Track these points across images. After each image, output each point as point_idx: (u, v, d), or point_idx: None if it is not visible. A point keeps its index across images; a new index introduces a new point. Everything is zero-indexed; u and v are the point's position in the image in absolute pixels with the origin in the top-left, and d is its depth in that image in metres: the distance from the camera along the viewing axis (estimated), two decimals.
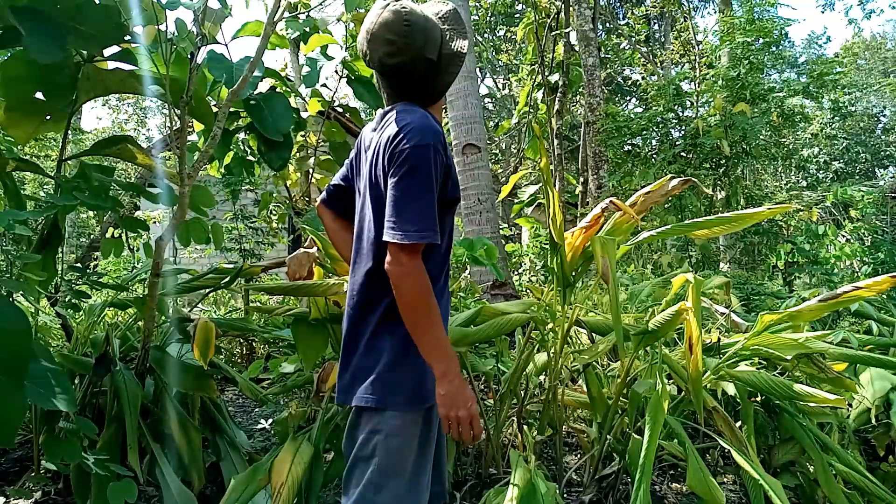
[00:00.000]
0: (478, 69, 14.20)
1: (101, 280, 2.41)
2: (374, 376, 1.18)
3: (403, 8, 1.17)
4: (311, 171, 3.82)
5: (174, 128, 2.70)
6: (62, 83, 2.00)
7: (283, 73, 4.70)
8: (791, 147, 7.69)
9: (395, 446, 1.17)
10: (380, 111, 1.29)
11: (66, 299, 2.20)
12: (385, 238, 1.11)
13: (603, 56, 9.81)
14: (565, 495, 2.10)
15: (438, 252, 1.23)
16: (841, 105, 9.20)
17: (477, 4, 12.11)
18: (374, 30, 1.18)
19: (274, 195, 4.26)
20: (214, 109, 2.25)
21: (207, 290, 2.50)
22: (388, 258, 1.12)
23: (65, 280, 2.32)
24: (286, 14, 2.96)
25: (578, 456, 2.50)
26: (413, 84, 1.23)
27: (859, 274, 4.88)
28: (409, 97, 1.24)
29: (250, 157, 3.21)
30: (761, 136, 6.03)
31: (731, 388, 1.94)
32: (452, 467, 2.11)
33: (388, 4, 1.19)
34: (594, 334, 2.41)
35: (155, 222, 6.19)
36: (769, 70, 6.59)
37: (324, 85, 3.20)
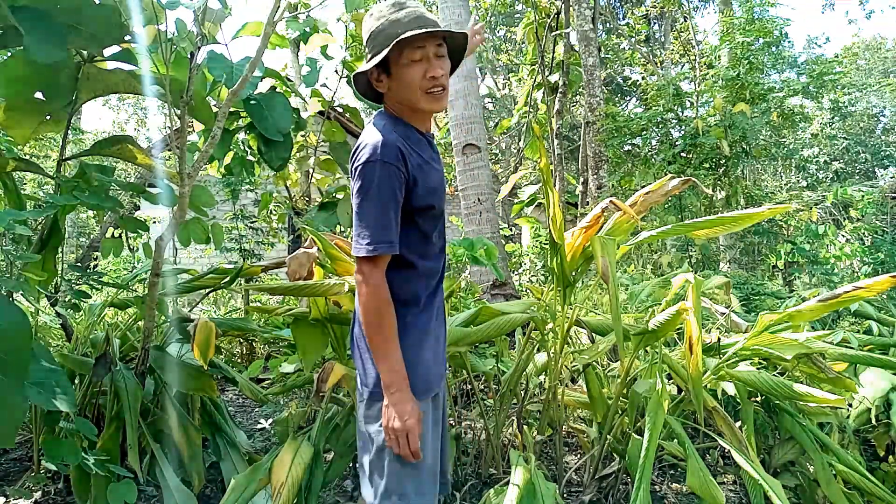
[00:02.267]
0: (478, 69, 14.19)
1: (101, 280, 2.41)
2: None
3: (371, 15, 1.24)
4: (311, 170, 3.82)
5: (174, 128, 2.70)
6: (62, 83, 2.00)
7: (283, 73, 4.70)
8: (791, 147, 7.69)
9: None
10: None
11: (66, 299, 2.20)
12: (352, 251, 1.21)
13: (603, 56, 9.80)
14: (565, 495, 2.10)
15: (431, 253, 1.29)
16: (841, 105, 9.21)
17: (477, 4, 12.10)
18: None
19: (274, 195, 4.26)
20: (214, 109, 2.25)
21: (207, 290, 2.50)
22: (354, 268, 1.21)
23: (65, 280, 2.32)
24: (286, 14, 2.96)
25: (578, 456, 2.50)
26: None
27: (859, 274, 4.88)
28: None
29: (250, 157, 3.21)
30: (761, 136, 6.02)
31: (731, 388, 1.94)
32: (452, 467, 2.11)
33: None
34: (594, 334, 2.41)
35: (155, 222, 6.19)
36: (769, 70, 6.59)
37: (324, 85, 3.20)
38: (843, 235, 5.16)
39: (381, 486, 1.22)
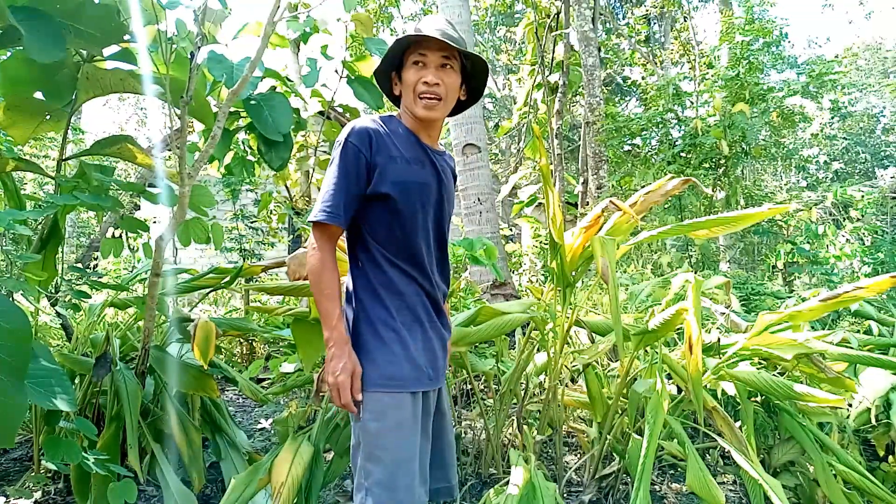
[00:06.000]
0: None
1: (101, 280, 2.41)
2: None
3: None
4: (311, 171, 3.82)
5: (174, 128, 2.70)
6: (62, 83, 2.00)
7: (283, 73, 4.69)
8: (791, 147, 7.69)
9: (372, 430, 1.23)
10: None
11: (66, 299, 2.20)
12: None
13: (603, 56, 9.79)
14: (565, 495, 2.10)
15: (398, 248, 1.32)
16: (841, 105, 9.20)
17: (477, 4, 12.10)
18: None
19: (274, 195, 4.26)
20: (214, 109, 2.25)
21: (207, 290, 2.50)
22: None
23: (65, 280, 2.32)
24: (286, 14, 2.95)
25: (578, 456, 2.50)
26: None
27: (859, 274, 4.88)
28: None
29: (250, 157, 3.21)
30: (761, 136, 6.02)
31: (730, 388, 1.94)
32: None
33: None
34: (594, 334, 2.41)
35: (155, 222, 6.18)
36: (769, 70, 6.58)
37: (324, 85, 3.19)
38: (843, 235, 5.16)
39: (356, 480, 1.26)
